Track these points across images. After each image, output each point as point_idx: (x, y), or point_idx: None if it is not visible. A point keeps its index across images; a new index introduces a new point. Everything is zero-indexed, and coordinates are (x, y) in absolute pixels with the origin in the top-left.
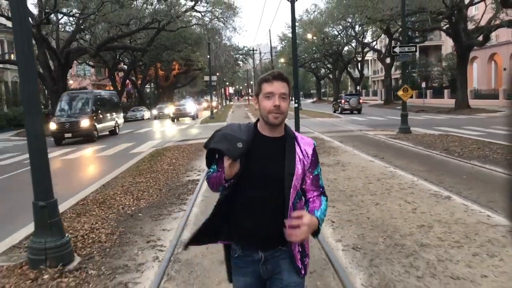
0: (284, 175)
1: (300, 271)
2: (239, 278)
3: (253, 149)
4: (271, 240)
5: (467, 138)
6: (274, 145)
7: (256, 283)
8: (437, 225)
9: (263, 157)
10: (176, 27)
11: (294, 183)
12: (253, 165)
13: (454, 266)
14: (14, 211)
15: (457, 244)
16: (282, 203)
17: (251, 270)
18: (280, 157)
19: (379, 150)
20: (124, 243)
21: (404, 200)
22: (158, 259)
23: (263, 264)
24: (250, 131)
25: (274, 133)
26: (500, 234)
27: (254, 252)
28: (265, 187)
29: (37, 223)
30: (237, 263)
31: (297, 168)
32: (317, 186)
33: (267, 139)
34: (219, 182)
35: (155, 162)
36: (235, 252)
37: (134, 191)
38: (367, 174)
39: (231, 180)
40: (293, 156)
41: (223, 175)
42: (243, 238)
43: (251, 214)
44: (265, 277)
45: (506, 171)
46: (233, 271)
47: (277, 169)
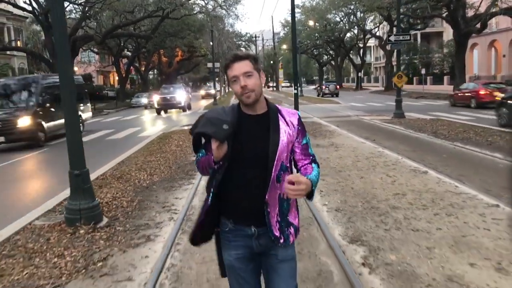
0: (269, 149)
1: (277, 240)
2: (230, 252)
3: (239, 129)
4: (264, 216)
5: (455, 122)
6: (258, 122)
7: (248, 256)
8: (410, 193)
9: (250, 135)
10: (180, 15)
11: (278, 155)
12: (240, 145)
13: (417, 222)
14: (46, 183)
15: (423, 207)
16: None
17: (242, 244)
18: (266, 132)
19: (372, 133)
20: (143, 208)
21: (386, 174)
22: (173, 219)
23: (256, 239)
24: (234, 112)
25: (256, 110)
26: (461, 200)
27: (247, 227)
28: (254, 165)
29: (72, 189)
30: (227, 237)
31: (281, 139)
32: (307, 154)
33: (251, 117)
34: (208, 165)
35: (163, 144)
36: (226, 226)
37: (147, 168)
38: (357, 154)
39: (220, 162)
40: (277, 129)
41: (212, 157)
42: (236, 215)
43: (242, 192)
44: (257, 251)
45: (484, 150)
46: (223, 247)
47: (264, 145)
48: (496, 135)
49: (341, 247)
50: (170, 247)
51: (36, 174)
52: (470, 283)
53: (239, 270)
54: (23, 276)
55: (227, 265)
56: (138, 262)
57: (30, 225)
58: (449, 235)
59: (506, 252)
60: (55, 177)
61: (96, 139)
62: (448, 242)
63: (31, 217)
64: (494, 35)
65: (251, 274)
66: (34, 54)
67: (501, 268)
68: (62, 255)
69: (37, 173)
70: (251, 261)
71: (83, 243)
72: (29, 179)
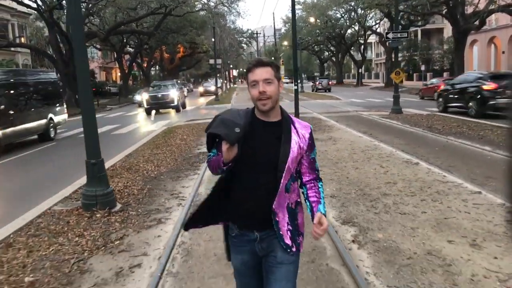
0: (279, 158)
1: (289, 249)
2: (236, 256)
3: (250, 134)
4: (267, 221)
5: (450, 117)
6: (271, 130)
7: (252, 260)
8: (400, 182)
9: (261, 142)
10: (182, 12)
11: (288, 166)
12: (250, 149)
13: (404, 207)
14: (62, 172)
15: (412, 193)
16: (278, 185)
17: (248, 248)
18: (276, 141)
19: (369, 128)
20: (152, 195)
21: (380, 166)
22: (181, 205)
23: (259, 243)
24: (248, 116)
25: (270, 117)
26: (447, 188)
27: (250, 232)
28: (261, 171)
29: (89, 176)
30: (234, 242)
31: (292, 151)
32: (313, 169)
33: (264, 123)
34: (218, 165)
35: (168, 138)
36: (233, 232)
37: (154, 160)
38: (353, 147)
39: (230, 164)
40: (289, 140)
41: (222, 158)
42: (240, 218)
43: (248, 196)
44: (261, 254)
45: (474, 144)
46: (231, 249)
47: (273, 153)
48: (488, 129)
49: (334, 227)
50: (180, 228)
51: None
52: (446, 256)
53: (244, 274)
54: (50, 252)
55: (234, 267)
56: (152, 240)
57: (50, 210)
58: (433, 218)
59: (481, 231)
60: (63, 169)
61: (102, 134)
62: (431, 223)
63: (50, 203)
64: (493, 32)
65: (255, 278)
66: (38, 50)
67: (475, 244)
68: (82, 235)
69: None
70: (255, 266)
71: (100, 225)
72: (38, 171)
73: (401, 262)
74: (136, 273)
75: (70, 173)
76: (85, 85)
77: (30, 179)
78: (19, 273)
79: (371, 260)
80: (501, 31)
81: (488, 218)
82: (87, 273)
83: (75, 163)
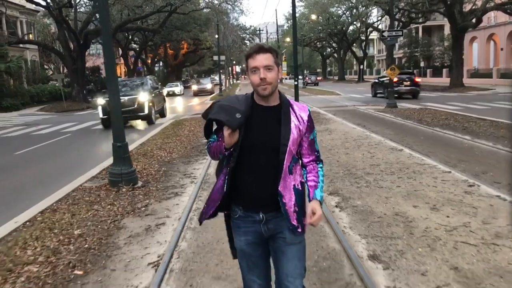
0: (280, 140)
1: (296, 229)
2: (240, 238)
3: (251, 119)
4: (273, 203)
5: (441, 111)
6: (270, 114)
7: (256, 241)
8: (383, 164)
9: (261, 126)
10: (187, 10)
11: (289, 148)
12: (251, 134)
13: (383, 182)
14: (84, 158)
15: (391, 173)
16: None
17: (252, 229)
18: (276, 124)
19: (364, 121)
20: (168, 175)
21: (368, 152)
22: (194, 182)
23: (264, 224)
24: (248, 102)
25: (269, 102)
26: (423, 168)
27: (255, 213)
28: (263, 154)
29: (115, 157)
30: (237, 223)
31: (292, 133)
32: (313, 150)
33: (263, 108)
34: (219, 150)
35: (177, 129)
36: (236, 213)
37: (166, 148)
38: (347, 137)
39: (231, 149)
40: (288, 122)
41: (223, 144)
42: (245, 201)
43: (251, 179)
44: (266, 235)
45: (457, 134)
46: (234, 233)
47: (274, 136)
48: (472, 121)
49: None
50: (194, 198)
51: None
52: (409, 216)
53: (249, 254)
54: (89, 215)
55: (238, 249)
56: (172, 207)
57: (81, 187)
58: (405, 190)
59: (442, 199)
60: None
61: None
62: (403, 194)
63: (80, 181)
64: (492, 29)
65: (260, 258)
66: (47, 47)
67: (434, 208)
68: (113, 204)
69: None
70: (260, 245)
71: (127, 197)
72: (62, 158)
73: (373, 220)
74: (161, 229)
75: (91, 158)
76: (112, 81)
77: (57, 163)
78: (69, 228)
79: (349, 218)
80: (500, 28)
81: (450, 190)
82: (122, 229)
83: (95, 151)
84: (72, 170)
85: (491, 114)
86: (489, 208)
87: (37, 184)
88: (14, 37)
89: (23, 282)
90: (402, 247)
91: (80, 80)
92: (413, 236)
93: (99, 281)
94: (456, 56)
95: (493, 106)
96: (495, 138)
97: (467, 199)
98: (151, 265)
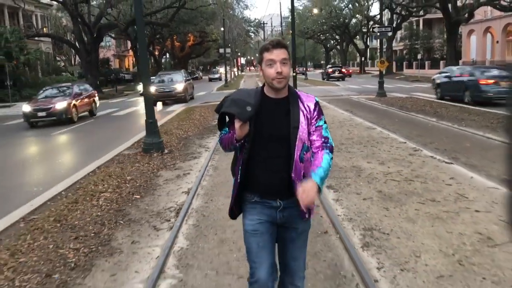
0: (290, 130)
1: (303, 216)
2: (253, 218)
3: (261, 111)
4: (289, 190)
5: (422, 99)
6: (280, 105)
7: (270, 222)
8: (356, 138)
9: (271, 117)
10: (195, 5)
11: (299, 136)
12: (262, 126)
13: (351, 149)
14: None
15: (359, 144)
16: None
17: (268, 212)
18: (285, 115)
19: (353, 107)
20: (187, 146)
21: (347, 130)
22: (208, 150)
23: (281, 211)
24: (258, 95)
25: (279, 94)
26: (386, 140)
27: (272, 200)
28: (276, 145)
29: (147, 130)
30: (253, 206)
31: (301, 122)
32: (320, 135)
33: (273, 100)
34: (230, 142)
35: (189, 115)
36: (252, 198)
37: (183, 128)
38: (333, 120)
39: (242, 141)
40: (297, 112)
41: (235, 136)
42: (261, 191)
43: (266, 169)
44: (279, 222)
45: (427, 117)
46: (247, 213)
47: (284, 126)
48: (444, 107)
49: None
50: (209, 159)
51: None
52: (362, 167)
53: (261, 233)
54: (133, 170)
55: (248, 229)
56: (193, 165)
57: (121, 154)
58: (365, 153)
59: (390, 158)
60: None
61: (131, 113)
62: (363, 156)
63: (119, 150)
64: (489, 22)
65: (270, 238)
66: (62, 39)
67: (382, 163)
68: (148, 163)
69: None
70: (271, 227)
71: (158, 159)
72: (98, 135)
73: (334, 169)
74: (187, 176)
75: (121, 136)
76: (144, 69)
77: (94, 139)
78: (122, 176)
79: None
80: (496, 22)
81: (399, 153)
82: (160, 177)
83: (124, 131)
84: (110, 143)
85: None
86: (421, 163)
87: (89, 152)
88: (30, 30)
89: (104, 200)
90: (349, 182)
91: (94, 71)
92: (359, 177)
93: (151, 200)
94: (450, 48)
95: None
96: (456, 120)
97: (408, 158)
98: (184, 193)
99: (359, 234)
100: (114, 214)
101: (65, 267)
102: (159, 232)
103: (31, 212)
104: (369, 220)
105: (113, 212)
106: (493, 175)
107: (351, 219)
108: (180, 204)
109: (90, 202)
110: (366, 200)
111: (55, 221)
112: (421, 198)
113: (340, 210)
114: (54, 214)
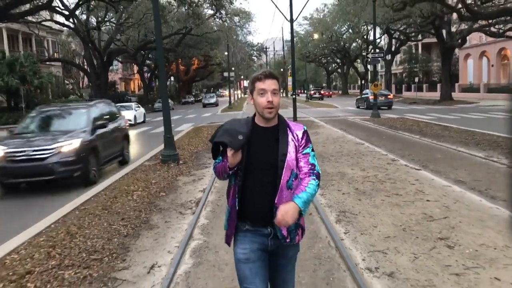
0: (278, 158)
1: (284, 239)
2: (245, 246)
3: (253, 140)
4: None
5: (412, 119)
6: (270, 134)
7: (261, 250)
8: (345, 151)
9: (261, 145)
10: (201, 32)
11: (287, 163)
12: (253, 154)
13: (339, 159)
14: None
15: (347, 156)
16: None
17: (260, 240)
18: (275, 143)
19: (347, 127)
20: (198, 158)
21: (339, 145)
22: None
23: (272, 238)
24: (249, 124)
25: (269, 123)
26: (370, 153)
27: (263, 228)
28: (267, 172)
29: (165, 144)
30: (245, 234)
31: (289, 150)
32: (307, 162)
33: (263, 129)
34: (224, 170)
35: (197, 133)
36: (244, 226)
37: (193, 144)
38: (328, 137)
39: (235, 168)
40: (286, 140)
41: (228, 164)
42: (252, 216)
43: (255, 195)
44: (271, 249)
45: (412, 135)
46: (239, 240)
47: (273, 154)
48: (429, 127)
49: None
50: None
51: None
52: (346, 173)
53: (254, 260)
54: (156, 176)
55: (240, 258)
56: (205, 172)
57: (143, 164)
58: (350, 163)
59: (371, 166)
60: None
61: (143, 132)
62: (348, 164)
63: (141, 161)
64: (484, 47)
65: (263, 264)
66: (74, 64)
67: (363, 170)
68: (168, 171)
69: None
70: (263, 255)
71: (176, 168)
72: None
73: (322, 175)
74: (202, 180)
75: (139, 151)
76: (163, 91)
77: None
78: (147, 180)
79: None
80: (490, 46)
81: (379, 162)
82: (179, 180)
83: (141, 147)
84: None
85: (456, 123)
86: (395, 170)
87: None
88: (43, 55)
89: (137, 196)
90: (334, 183)
91: (103, 94)
92: (342, 179)
93: (175, 196)
94: (445, 72)
95: (463, 116)
96: (437, 137)
97: (386, 166)
98: (200, 191)
99: (335, 214)
100: (148, 205)
101: (119, 235)
102: (185, 215)
103: (81, 204)
104: (344, 206)
105: (146, 204)
106: (450, 178)
107: (331, 206)
108: (199, 199)
109: (126, 197)
110: (344, 194)
111: (103, 209)
112: (388, 193)
113: (323, 201)
114: (100, 205)
